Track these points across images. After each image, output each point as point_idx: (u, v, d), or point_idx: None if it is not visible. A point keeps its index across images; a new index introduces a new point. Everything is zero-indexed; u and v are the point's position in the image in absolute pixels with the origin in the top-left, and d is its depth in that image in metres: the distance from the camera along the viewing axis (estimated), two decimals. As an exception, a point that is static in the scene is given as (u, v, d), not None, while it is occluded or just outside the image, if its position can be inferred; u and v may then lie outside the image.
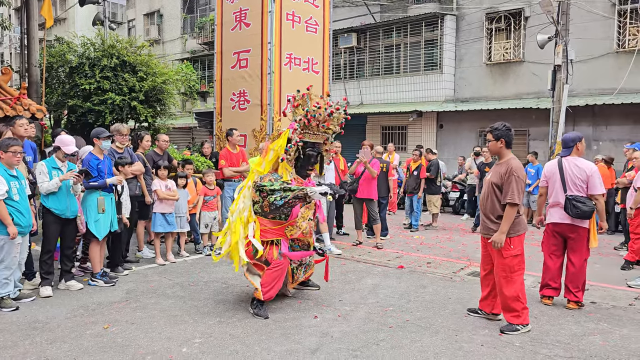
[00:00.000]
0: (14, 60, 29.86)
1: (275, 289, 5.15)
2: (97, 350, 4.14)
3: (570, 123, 14.33)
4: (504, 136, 4.85)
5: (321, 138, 5.48)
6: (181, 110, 22.56)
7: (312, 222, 5.49)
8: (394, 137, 18.71)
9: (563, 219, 5.41)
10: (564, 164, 5.47)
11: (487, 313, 5.07)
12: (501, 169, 4.80)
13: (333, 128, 5.40)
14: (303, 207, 5.29)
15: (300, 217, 5.29)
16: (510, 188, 4.63)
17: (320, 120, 5.26)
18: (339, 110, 5.31)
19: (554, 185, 5.51)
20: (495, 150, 4.95)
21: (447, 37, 17.04)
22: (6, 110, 8.66)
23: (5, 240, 5.04)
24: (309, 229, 5.44)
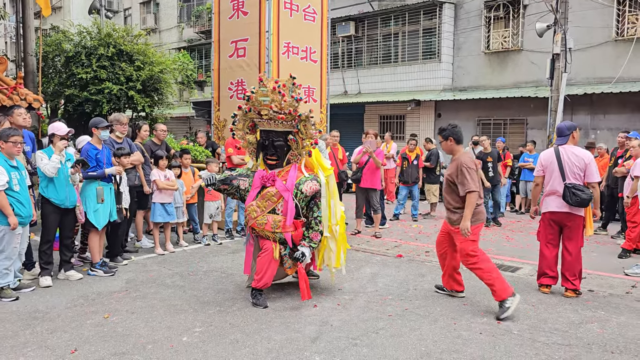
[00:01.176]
0: (9, 49, 29.62)
1: (267, 276, 5.04)
2: (97, 340, 4.16)
3: (568, 112, 14.32)
4: (452, 134, 5.18)
5: (273, 126, 5.14)
6: (179, 100, 22.50)
7: (275, 216, 5.09)
8: (392, 126, 18.69)
9: (560, 207, 5.44)
10: (562, 153, 5.50)
11: (448, 290, 5.46)
12: (453, 165, 5.15)
13: (266, 112, 5.08)
14: (258, 197, 5.14)
15: (253, 207, 5.13)
16: (464, 179, 4.95)
17: (255, 106, 5.14)
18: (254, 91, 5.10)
19: (552, 174, 5.53)
20: (448, 149, 5.26)
21: (445, 26, 16.96)
22: (2, 100, 8.62)
23: (5, 231, 5.03)
24: (269, 222, 5.07)
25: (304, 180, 5.13)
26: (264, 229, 5.12)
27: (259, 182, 5.18)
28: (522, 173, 12.06)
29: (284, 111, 5.07)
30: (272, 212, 5.12)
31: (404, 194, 10.78)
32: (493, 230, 9.66)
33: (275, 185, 5.12)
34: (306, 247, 5.13)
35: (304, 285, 5.10)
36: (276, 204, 5.11)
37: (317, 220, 5.17)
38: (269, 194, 5.12)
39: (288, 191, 5.07)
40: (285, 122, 5.13)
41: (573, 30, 13.64)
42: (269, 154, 5.21)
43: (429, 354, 3.97)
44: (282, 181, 5.12)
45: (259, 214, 5.12)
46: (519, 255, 7.53)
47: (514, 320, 4.72)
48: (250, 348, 4.04)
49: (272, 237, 5.12)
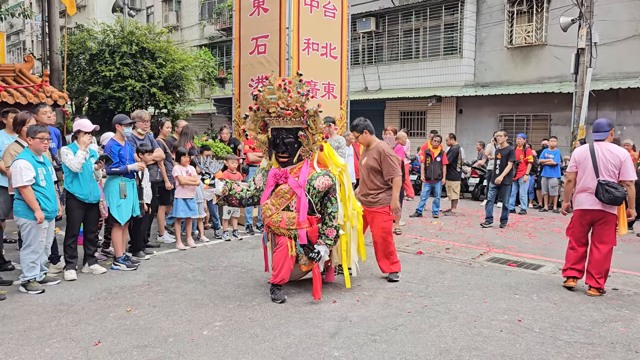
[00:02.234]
0: (35, 48, 30.26)
1: (283, 272, 5.05)
2: (120, 332, 4.24)
3: (593, 107, 14.06)
4: (366, 127, 5.81)
5: (283, 124, 5.14)
6: (200, 97, 22.70)
7: (290, 213, 5.10)
8: (413, 123, 18.58)
9: (593, 204, 5.32)
10: (597, 149, 5.36)
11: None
12: (374, 154, 5.74)
13: (274, 110, 5.08)
14: (272, 196, 5.17)
15: (268, 205, 5.17)
16: (389, 166, 5.65)
17: (264, 104, 5.15)
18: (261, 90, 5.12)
19: (585, 170, 5.41)
20: (366, 141, 5.86)
21: (467, 21, 16.78)
22: (29, 97, 8.81)
23: (32, 225, 5.15)
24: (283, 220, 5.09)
25: (316, 175, 5.10)
26: (279, 226, 5.12)
27: (272, 181, 5.19)
28: (544, 170, 11.85)
29: (291, 107, 5.06)
30: (286, 209, 5.11)
31: (426, 190, 10.72)
32: (515, 228, 9.54)
33: (288, 182, 5.10)
34: (322, 245, 5.14)
35: (317, 285, 5.09)
36: (290, 201, 5.11)
37: (331, 216, 5.17)
38: (282, 191, 5.12)
39: (300, 187, 5.05)
40: (293, 118, 5.11)
41: (598, 24, 13.38)
42: (280, 152, 5.18)
43: (449, 351, 3.95)
44: (295, 178, 5.11)
45: (274, 212, 5.14)
46: (541, 253, 7.43)
47: (535, 318, 4.67)
48: (269, 342, 4.07)
49: (288, 234, 5.10)
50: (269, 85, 5.14)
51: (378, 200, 5.77)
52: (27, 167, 5.06)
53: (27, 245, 5.19)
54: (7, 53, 33.92)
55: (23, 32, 36.50)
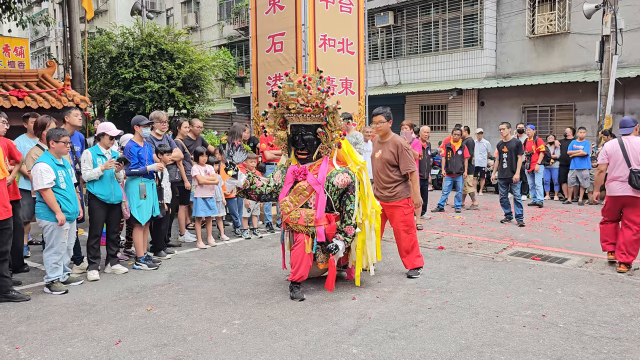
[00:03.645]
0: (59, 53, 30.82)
1: (302, 269, 5.04)
2: (141, 331, 4.28)
3: (620, 96, 13.68)
4: (391, 117, 5.80)
5: (302, 120, 5.13)
6: (220, 97, 22.86)
7: (308, 210, 5.07)
8: (434, 116, 18.38)
9: (625, 191, 5.92)
10: (626, 143, 6.02)
11: None
12: (390, 147, 5.70)
13: (294, 106, 5.07)
14: (290, 193, 5.15)
15: (287, 202, 5.15)
16: (406, 160, 5.62)
17: (283, 101, 5.15)
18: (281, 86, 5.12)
19: (616, 162, 6.01)
20: (386, 130, 5.78)
21: (487, 11, 16.50)
22: (52, 101, 8.98)
23: (54, 227, 5.24)
24: (302, 217, 5.07)
25: (335, 172, 5.07)
26: (297, 223, 5.10)
27: (291, 177, 5.17)
28: (573, 161, 11.52)
29: (311, 104, 5.03)
30: (305, 206, 5.09)
31: (448, 184, 10.57)
32: (540, 222, 9.35)
33: (307, 179, 5.07)
34: (340, 241, 5.11)
35: (332, 277, 5.15)
36: (308, 197, 5.08)
37: (349, 214, 5.12)
38: (301, 188, 5.09)
39: (319, 184, 5.02)
40: (313, 115, 5.08)
41: (623, 10, 13.00)
42: (300, 149, 5.16)
43: (470, 347, 3.87)
44: (314, 175, 5.08)
45: (292, 208, 5.12)
46: (567, 246, 7.26)
47: (560, 313, 4.55)
48: (288, 340, 4.06)
49: (306, 231, 5.08)
50: (289, 82, 5.13)
51: (396, 194, 5.72)
52: (47, 170, 5.14)
53: (50, 247, 5.28)
54: (32, 59, 34.75)
55: (48, 39, 37.29)
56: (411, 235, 5.75)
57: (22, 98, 8.66)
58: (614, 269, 5.98)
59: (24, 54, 13.77)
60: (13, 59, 12.95)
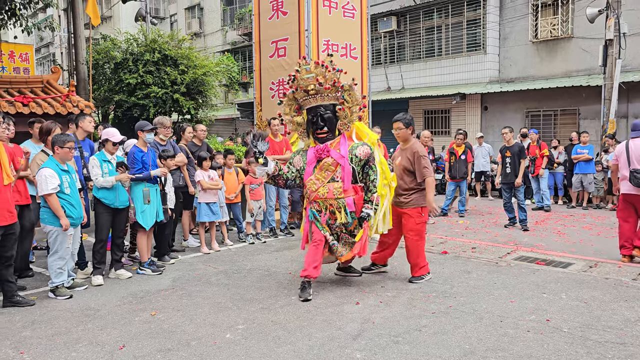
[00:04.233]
0: (64, 59, 31.00)
1: (311, 267, 5.21)
2: (145, 336, 4.28)
3: (623, 100, 13.67)
4: (412, 124, 5.74)
5: (319, 101, 5.40)
6: (224, 102, 22.91)
7: (335, 183, 5.29)
8: (437, 121, 18.38)
9: (630, 189, 6.44)
10: (630, 145, 6.51)
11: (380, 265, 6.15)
12: (408, 153, 5.67)
13: (313, 87, 5.33)
14: (314, 172, 5.36)
15: (312, 180, 5.35)
16: (422, 167, 5.55)
17: (301, 85, 5.40)
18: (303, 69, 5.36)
19: (623, 162, 6.54)
20: (405, 137, 5.76)
21: (490, 16, 16.52)
22: (56, 107, 9.03)
23: (58, 232, 5.26)
24: (330, 191, 5.28)
25: (355, 145, 5.40)
26: (326, 198, 5.29)
27: (313, 157, 5.40)
28: (577, 166, 11.48)
29: (329, 82, 5.34)
30: (332, 180, 5.32)
31: (451, 189, 10.56)
32: (544, 226, 9.32)
33: (331, 154, 5.33)
34: (370, 209, 5.38)
35: (364, 240, 5.39)
36: (334, 172, 5.32)
37: (374, 183, 5.40)
38: (327, 164, 5.33)
39: (343, 157, 5.31)
40: (330, 94, 5.39)
41: (627, 14, 13.01)
42: (320, 128, 5.40)
43: (473, 352, 3.86)
44: (336, 150, 5.36)
45: (319, 185, 5.32)
46: (571, 250, 7.24)
47: (564, 317, 4.54)
48: (291, 345, 4.06)
49: (336, 204, 5.28)
50: (305, 65, 5.40)
51: (410, 201, 5.65)
52: (52, 175, 5.17)
53: (54, 252, 5.30)
54: (38, 65, 34.96)
55: (52, 45, 37.51)
56: (419, 245, 5.69)
57: (27, 104, 8.72)
58: (619, 273, 5.97)
59: (29, 60, 13.88)
60: (18, 65, 13.05)
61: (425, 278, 5.74)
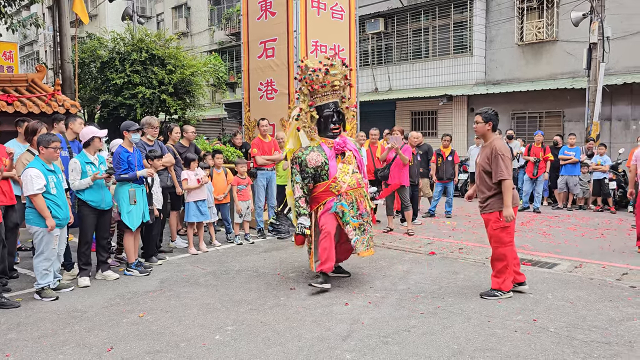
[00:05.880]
0: (49, 58, 30.64)
1: (328, 260, 5.40)
2: (133, 338, 4.25)
3: (607, 103, 13.88)
4: (492, 119, 5.26)
5: (333, 97, 5.72)
6: (211, 102, 22.81)
7: (357, 174, 5.65)
8: (424, 123, 18.49)
9: None
10: None
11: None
12: (487, 151, 5.19)
13: (338, 83, 5.67)
14: (340, 163, 5.60)
15: (340, 172, 5.56)
16: (498, 167, 5.04)
17: (321, 81, 5.61)
18: (332, 65, 5.61)
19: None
20: (483, 132, 5.32)
21: (476, 19, 16.68)
22: (42, 106, 8.92)
23: (44, 233, 5.20)
24: (357, 181, 5.62)
25: (353, 140, 5.94)
26: (355, 187, 5.58)
27: (333, 152, 5.60)
28: (564, 168, 11.59)
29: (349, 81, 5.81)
30: (353, 172, 5.64)
31: (438, 190, 10.62)
32: (530, 227, 9.42)
33: (349, 147, 5.69)
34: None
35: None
36: (354, 164, 5.68)
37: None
38: (349, 157, 5.66)
39: (357, 150, 5.81)
40: (341, 91, 5.76)
41: (610, 18, 13.21)
42: (334, 124, 5.68)
43: (462, 352, 3.90)
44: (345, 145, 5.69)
45: (347, 176, 5.56)
46: (556, 251, 7.33)
47: (550, 317, 4.59)
48: (281, 346, 4.06)
49: (361, 192, 5.63)
50: (334, 61, 5.67)
51: (487, 205, 5.19)
52: (38, 175, 5.10)
53: (40, 253, 5.24)
54: (21, 64, 34.48)
55: (37, 43, 37.05)
56: (497, 253, 5.18)
57: (11, 103, 8.60)
58: (603, 273, 6.05)
59: (12, 58, 13.67)
60: (2, 64, 12.84)
61: (497, 294, 5.14)
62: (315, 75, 5.58)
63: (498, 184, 5.08)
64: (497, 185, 5.10)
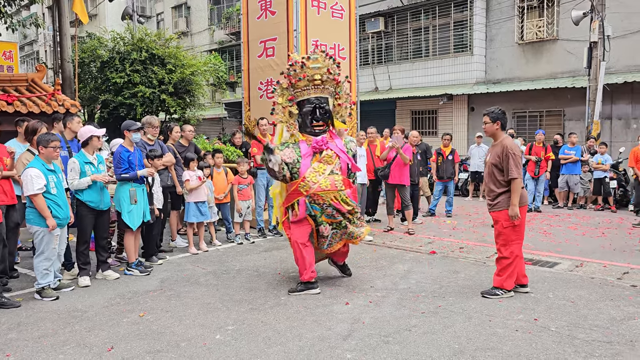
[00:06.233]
0: (49, 57, 30.63)
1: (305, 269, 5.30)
2: (133, 338, 4.25)
3: (608, 102, 13.86)
4: (500, 119, 5.25)
5: (316, 92, 5.40)
6: (211, 101, 22.81)
7: (336, 176, 5.31)
8: (424, 122, 18.48)
9: None
10: None
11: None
12: (497, 150, 5.19)
13: (319, 77, 5.35)
14: (315, 162, 5.33)
15: (312, 172, 5.27)
16: (509, 166, 5.04)
17: (298, 74, 5.36)
18: (309, 58, 5.38)
19: None
20: (492, 132, 5.33)
21: (477, 18, 16.65)
22: (42, 106, 8.91)
23: (44, 232, 5.19)
24: (332, 183, 5.25)
25: (348, 140, 5.54)
26: (329, 190, 5.23)
27: (309, 150, 5.37)
28: (564, 167, 11.56)
29: (334, 75, 5.43)
30: (331, 173, 5.33)
31: (439, 189, 10.61)
32: (530, 226, 9.40)
33: (330, 147, 5.38)
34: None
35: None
36: (333, 165, 5.36)
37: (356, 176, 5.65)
38: (327, 157, 5.36)
39: (343, 151, 5.43)
40: (330, 87, 5.48)
41: (611, 16, 13.19)
42: (317, 120, 5.40)
43: (463, 352, 3.89)
44: (332, 143, 5.41)
45: (322, 177, 5.26)
46: (557, 250, 7.32)
47: (551, 317, 4.59)
48: (281, 346, 4.05)
49: (337, 195, 5.27)
50: (314, 55, 5.44)
51: (497, 203, 5.17)
52: (38, 175, 5.10)
53: (40, 253, 5.23)
54: (21, 63, 34.47)
55: (36, 43, 37.04)
56: (503, 252, 5.18)
57: (11, 102, 8.59)
58: (604, 272, 6.04)
59: (12, 57, 13.65)
60: (2, 63, 12.83)
61: (498, 293, 5.15)
62: (292, 69, 5.40)
63: (508, 182, 5.09)
64: (507, 183, 5.12)
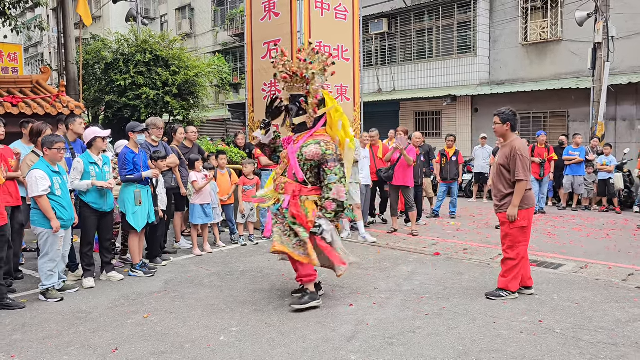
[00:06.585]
0: (53, 59, 30.74)
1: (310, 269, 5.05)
2: (137, 339, 4.25)
3: (612, 103, 13.81)
4: (510, 120, 5.22)
5: (291, 90, 5.06)
6: (214, 103, 22.84)
7: (283, 178, 5.03)
8: (428, 123, 18.45)
9: None
10: None
11: None
12: (506, 151, 5.18)
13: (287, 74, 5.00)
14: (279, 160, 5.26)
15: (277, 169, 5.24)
16: (516, 167, 5.04)
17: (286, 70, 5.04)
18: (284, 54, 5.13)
19: None
20: (502, 133, 5.31)
21: (480, 19, 16.63)
22: (46, 108, 8.94)
23: (49, 234, 5.21)
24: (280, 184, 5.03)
25: (308, 144, 4.92)
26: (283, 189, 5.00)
27: (285, 145, 5.21)
28: (568, 168, 11.52)
29: (291, 72, 4.98)
30: (283, 174, 5.09)
31: (443, 190, 10.59)
32: (534, 228, 9.36)
33: (287, 147, 5.08)
34: (322, 219, 4.82)
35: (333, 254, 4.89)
36: (286, 166, 5.06)
37: (328, 188, 4.83)
38: (282, 156, 5.17)
39: (293, 153, 4.96)
40: (295, 84, 5.01)
41: (615, 17, 13.15)
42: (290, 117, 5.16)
43: (467, 353, 3.88)
44: (294, 144, 5.03)
45: (278, 175, 5.14)
46: (562, 251, 7.29)
47: (556, 318, 4.57)
48: (286, 347, 4.05)
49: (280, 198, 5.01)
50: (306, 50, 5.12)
51: (505, 204, 5.14)
52: (43, 176, 5.11)
53: (45, 254, 5.25)
54: (26, 65, 34.61)
55: (41, 45, 37.15)
56: (509, 253, 5.15)
57: (16, 104, 8.62)
58: (609, 274, 6.02)
59: (17, 59, 13.71)
60: (7, 65, 12.88)
61: (503, 295, 5.13)
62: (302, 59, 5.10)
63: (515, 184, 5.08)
64: (515, 184, 5.09)
